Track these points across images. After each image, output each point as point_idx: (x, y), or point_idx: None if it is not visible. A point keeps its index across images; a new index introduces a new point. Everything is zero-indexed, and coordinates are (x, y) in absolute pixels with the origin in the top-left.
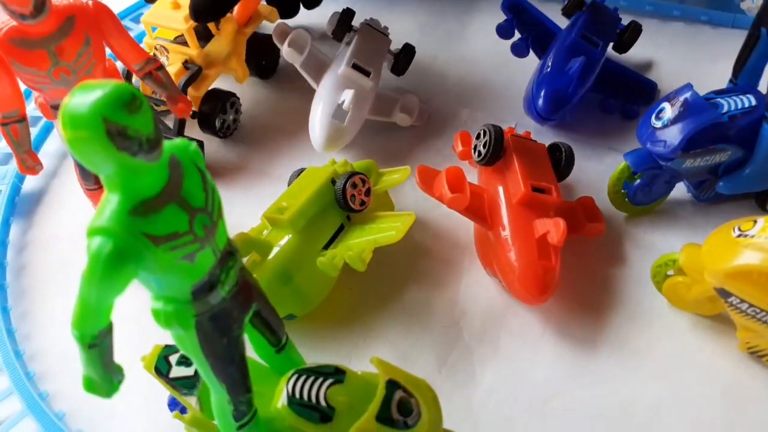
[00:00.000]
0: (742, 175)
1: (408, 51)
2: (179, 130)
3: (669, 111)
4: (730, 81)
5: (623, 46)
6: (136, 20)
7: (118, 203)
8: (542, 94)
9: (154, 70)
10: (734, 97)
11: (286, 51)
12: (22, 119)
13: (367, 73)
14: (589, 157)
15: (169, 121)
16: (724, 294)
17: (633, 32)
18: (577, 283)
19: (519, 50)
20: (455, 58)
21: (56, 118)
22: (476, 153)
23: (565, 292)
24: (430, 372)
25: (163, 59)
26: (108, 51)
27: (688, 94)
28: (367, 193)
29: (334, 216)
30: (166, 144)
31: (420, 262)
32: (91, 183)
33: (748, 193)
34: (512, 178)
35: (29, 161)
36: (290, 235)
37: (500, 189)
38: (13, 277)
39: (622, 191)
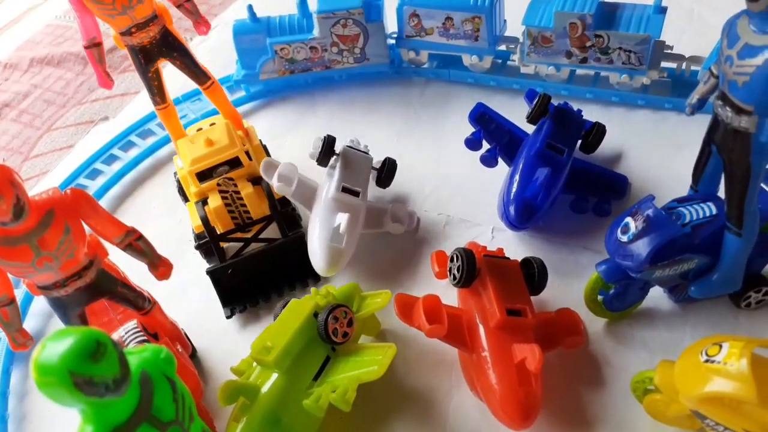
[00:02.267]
0: (711, 281)
1: (390, 165)
2: None
3: (633, 226)
4: (691, 187)
5: (589, 147)
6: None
7: None
8: (512, 205)
9: (134, 240)
10: (695, 206)
11: (276, 186)
12: (11, 302)
13: (356, 194)
14: (566, 258)
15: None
16: (699, 416)
17: (597, 134)
18: (561, 399)
19: (488, 161)
20: (431, 164)
21: (44, 294)
22: (451, 276)
23: (550, 410)
24: None
25: (231, 190)
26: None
27: (649, 210)
28: (350, 323)
29: (319, 349)
30: (136, 361)
31: (406, 385)
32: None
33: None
34: (488, 302)
35: (20, 339)
36: (276, 374)
37: (477, 311)
38: (15, 428)
39: (599, 298)
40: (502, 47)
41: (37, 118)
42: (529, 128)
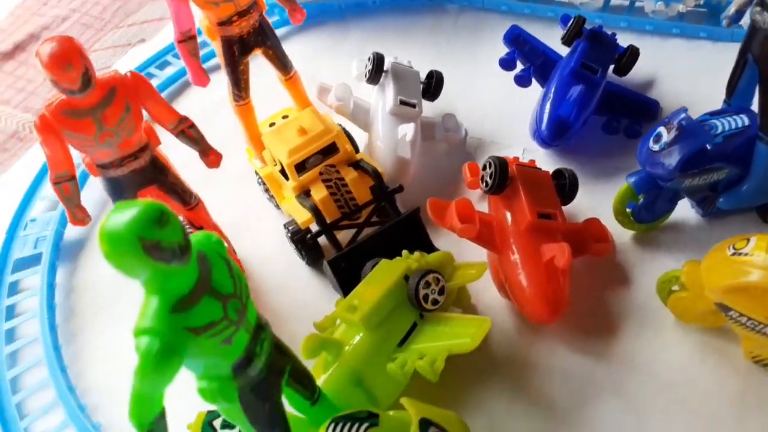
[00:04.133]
0: (741, 192)
1: (438, 76)
2: None
3: (665, 135)
4: (725, 102)
5: (622, 70)
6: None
7: (158, 304)
8: (545, 121)
9: (186, 128)
10: (728, 118)
11: (335, 105)
12: (72, 178)
13: (413, 106)
14: (597, 177)
15: None
16: (724, 308)
17: (631, 56)
18: (588, 300)
19: (522, 81)
20: (464, 88)
21: (102, 174)
22: (483, 183)
23: (576, 310)
24: None
25: (335, 178)
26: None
27: (682, 118)
28: (441, 291)
29: (406, 314)
30: (191, 241)
31: (493, 357)
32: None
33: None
34: (518, 206)
35: (79, 214)
36: (361, 334)
37: (508, 216)
38: (62, 319)
39: (627, 211)
40: None
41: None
42: (564, 52)
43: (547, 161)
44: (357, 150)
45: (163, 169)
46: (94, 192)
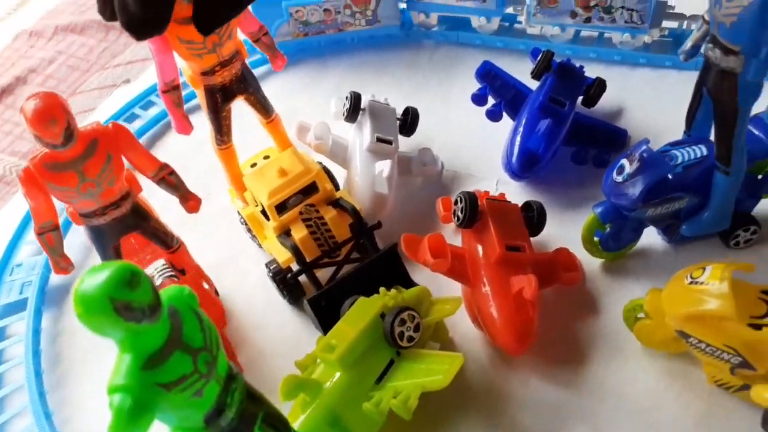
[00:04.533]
0: (702, 219)
1: (413, 112)
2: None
3: (628, 167)
4: (685, 132)
5: (590, 101)
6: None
7: (130, 361)
8: (515, 154)
9: (167, 175)
10: (687, 148)
11: (314, 144)
12: (56, 228)
13: (389, 142)
14: (567, 207)
15: None
16: (684, 335)
17: (598, 88)
18: (558, 329)
19: (493, 116)
20: (439, 125)
21: (85, 223)
22: (455, 218)
23: (547, 339)
24: None
25: (314, 217)
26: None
27: (643, 150)
28: (416, 329)
29: (383, 351)
30: (163, 297)
31: (469, 391)
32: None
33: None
34: (488, 240)
35: (62, 263)
36: (339, 373)
37: (479, 249)
38: (48, 365)
39: (595, 240)
40: (510, 9)
41: (61, 82)
42: (534, 85)
43: (518, 192)
44: (337, 187)
45: (145, 215)
46: (78, 236)
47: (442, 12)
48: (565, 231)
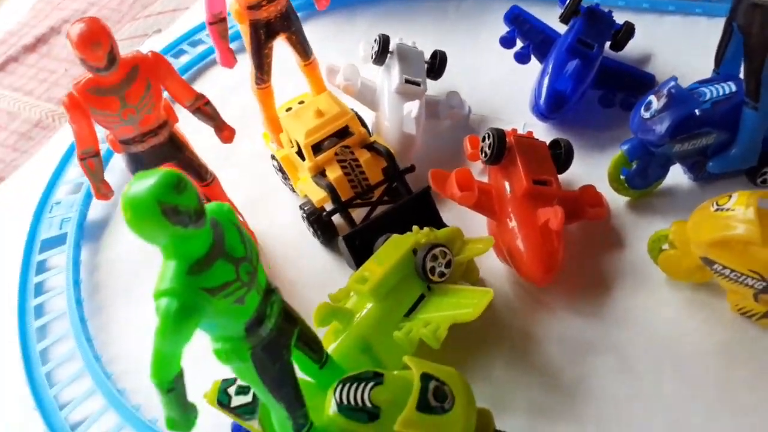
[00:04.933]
0: (729, 156)
1: (441, 56)
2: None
3: (656, 103)
4: (714, 71)
5: (618, 45)
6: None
7: (176, 267)
8: (543, 95)
9: (202, 105)
10: (716, 85)
11: (344, 85)
12: (97, 154)
13: (417, 84)
14: (593, 148)
15: None
16: (708, 263)
17: (626, 32)
18: (584, 262)
19: (522, 58)
20: (467, 69)
21: (124, 150)
22: (483, 154)
23: (573, 273)
24: None
25: (349, 159)
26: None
27: (672, 86)
28: (448, 264)
29: (414, 285)
30: (206, 208)
31: (499, 328)
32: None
33: (739, 169)
34: (516, 174)
35: (103, 189)
36: (371, 304)
37: (506, 184)
38: (87, 295)
39: (621, 178)
40: None
41: None
42: (563, 30)
43: (545, 133)
44: (369, 133)
45: (181, 145)
46: (115, 174)
47: None
48: (592, 170)
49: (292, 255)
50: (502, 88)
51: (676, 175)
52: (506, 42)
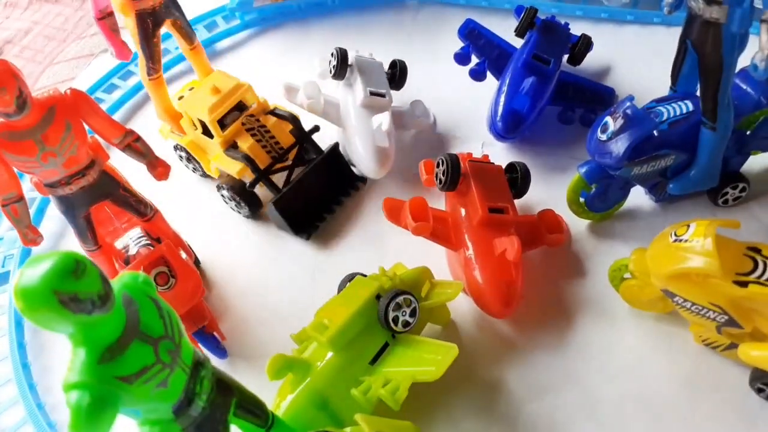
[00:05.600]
0: (689, 177)
1: (401, 65)
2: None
3: (612, 124)
4: (671, 88)
5: (576, 59)
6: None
7: (85, 356)
8: (499, 115)
9: (132, 141)
10: (673, 104)
11: (307, 103)
12: (20, 199)
13: (383, 95)
14: (553, 168)
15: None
16: (669, 294)
17: (584, 45)
18: (545, 291)
19: (477, 75)
20: (426, 83)
21: (50, 193)
22: (438, 180)
23: (534, 302)
24: None
25: (257, 126)
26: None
27: (627, 107)
28: (413, 313)
29: (378, 334)
30: (116, 285)
31: (465, 380)
32: (91, 245)
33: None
34: (471, 202)
35: (30, 235)
36: (331, 354)
37: (463, 212)
38: (30, 335)
39: (581, 200)
40: None
41: (38, 53)
42: (519, 44)
43: (504, 152)
44: (305, 134)
45: (115, 183)
46: (53, 209)
47: None
48: (552, 192)
49: (243, 286)
50: (460, 103)
51: (638, 196)
52: (461, 59)
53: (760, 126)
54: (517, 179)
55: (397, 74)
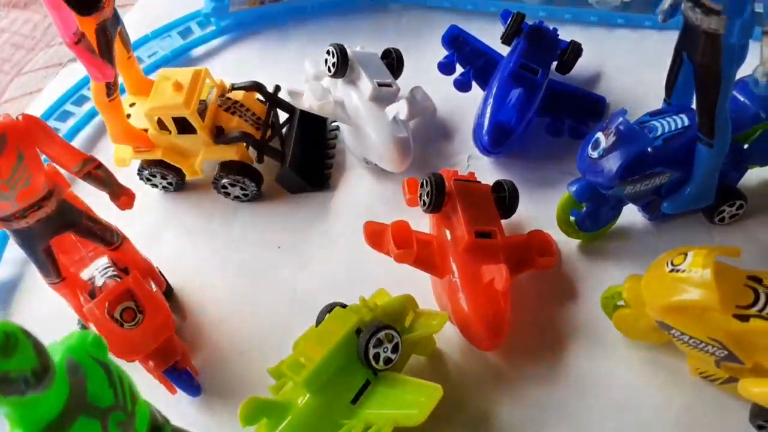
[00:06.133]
0: (685, 195)
1: (397, 52)
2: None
3: (603, 141)
4: (665, 101)
5: (565, 67)
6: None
7: None
8: (485, 128)
9: (93, 169)
10: (668, 118)
11: (317, 106)
12: None
13: (390, 85)
14: (542, 184)
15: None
16: (665, 326)
17: (573, 52)
18: (535, 317)
19: (462, 86)
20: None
21: (5, 227)
22: (422, 202)
23: (523, 330)
24: None
25: (231, 104)
26: None
27: (620, 123)
28: (395, 349)
29: (358, 372)
30: (61, 349)
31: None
32: (54, 278)
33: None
34: (457, 225)
35: None
36: (308, 395)
37: (448, 234)
38: None
39: (571, 219)
40: None
41: (6, 62)
42: (506, 51)
43: (491, 168)
44: (273, 96)
45: (76, 213)
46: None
47: None
48: (541, 208)
49: (218, 314)
50: (445, 114)
51: (631, 213)
52: (445, 68)
53: (758, 140)
54: (505, 198)
55: (394, 63)
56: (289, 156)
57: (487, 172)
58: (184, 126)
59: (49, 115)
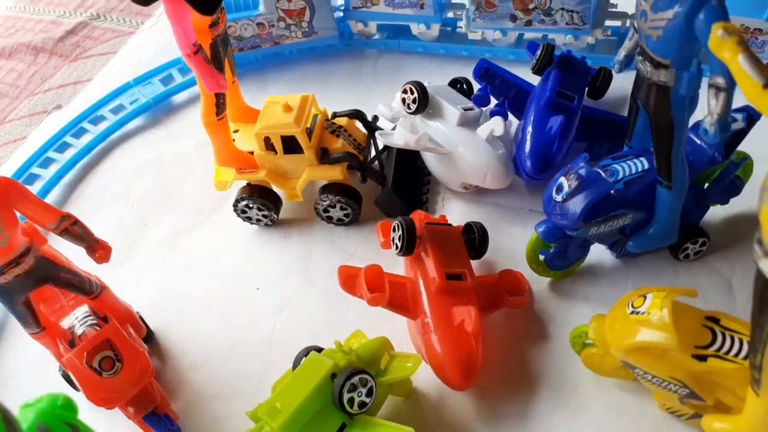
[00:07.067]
0: (648, 235)
1: (465, 82)
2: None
3: (566, 185)
4: (626, 143)
5: (598, 93)
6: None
7: None
8: (529, 157)
9: (69, 225)
10: (629, 162)
11: (415, 141)
12: None
13: (471, 109)
14: (512, 222)
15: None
16: (629, 365)
17: (605, 79)
18: (507, 356)
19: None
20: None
21: None
22: (394, 245)
23: (496, 368)
24: None
25: (336, 128)
26: None
27: (580, 167)
28: (369, 393)
29: (333, 416)
30: (31, 415)
31: None
32: (34, 328)
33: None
34: (429, 267)
35: None
36: None
37: (420, 278)
38: None
39: (540, 258)
40: (450, 14)
41: None
42: (534, 80)
43: (463, 208)
44: (372, 124)
45: (54, 266)
46: None
47: (380, 20)
48: (512, 246)
49: (198, 358)
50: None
51: (599, 251)
52: (480, 100)
53: (717, 180)
54: (475, 240)
55: (464, 88)
56: (393, 177)
57: (459, 211)
58: (290, 146)
59: (32, 162)
